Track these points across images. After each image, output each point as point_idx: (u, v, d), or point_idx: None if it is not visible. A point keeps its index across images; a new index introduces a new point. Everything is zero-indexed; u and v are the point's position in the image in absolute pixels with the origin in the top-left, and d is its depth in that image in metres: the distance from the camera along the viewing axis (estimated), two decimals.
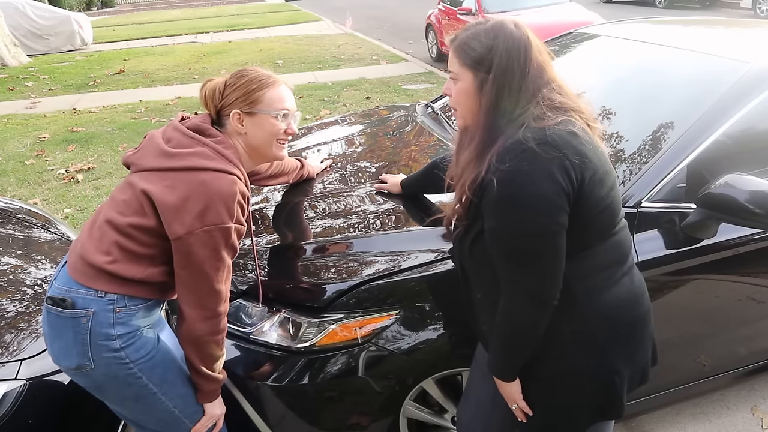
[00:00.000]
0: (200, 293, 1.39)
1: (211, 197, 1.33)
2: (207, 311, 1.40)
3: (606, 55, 2.59)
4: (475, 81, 1.21)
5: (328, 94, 7.36)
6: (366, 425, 1.73)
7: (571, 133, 1.16)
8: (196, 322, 1.40)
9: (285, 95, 1.52)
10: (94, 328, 1.37)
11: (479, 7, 8.40)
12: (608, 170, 1.22)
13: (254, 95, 1.47)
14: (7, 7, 11.73)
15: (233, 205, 1.35)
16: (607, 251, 1.26)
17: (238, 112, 1.47)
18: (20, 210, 2.66)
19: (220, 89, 1.50)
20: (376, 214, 1.98)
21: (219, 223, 1.33)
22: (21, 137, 6.19)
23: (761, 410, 2.26)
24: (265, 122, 1.49)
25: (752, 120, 1.80)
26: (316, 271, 1.77)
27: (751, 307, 1.95)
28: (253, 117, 1.48)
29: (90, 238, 1.42)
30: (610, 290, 1.26)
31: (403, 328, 1.65)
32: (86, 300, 1.37)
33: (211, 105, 1.51)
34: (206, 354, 1.45)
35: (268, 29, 15.58)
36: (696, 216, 1.66)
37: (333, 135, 2.89)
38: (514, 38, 1.19)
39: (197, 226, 1.32)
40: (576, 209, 1.16)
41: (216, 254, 1.36)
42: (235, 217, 1.36)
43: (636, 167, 1.80)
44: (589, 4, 10.22)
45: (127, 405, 1.49)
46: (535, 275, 1.18)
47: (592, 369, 1.28)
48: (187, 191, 1.32)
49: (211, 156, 1.39)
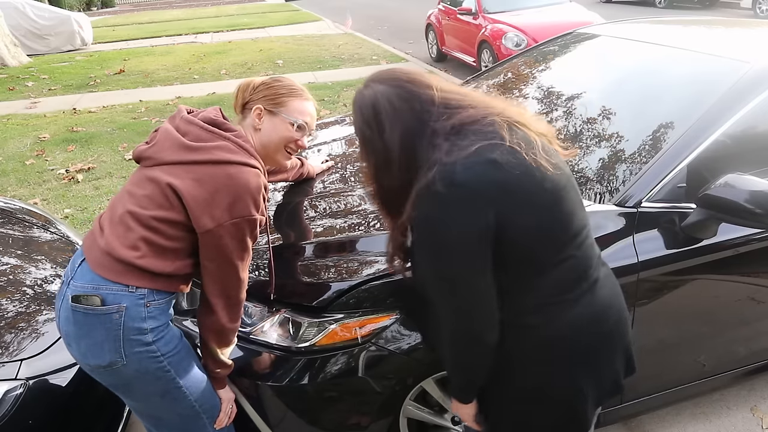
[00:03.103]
0: (226, 283, 1.44)
1: (239, 190, 1.37)
2: (231, 299, 1.46)
3: (606, 55, 2.59)
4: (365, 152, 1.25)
5: (328, 94, 7.36)
6: (366, 425, 1.73)
7: (488, 161, 1.09)
8: (221, 310, 1.45)
9: (309, 111, 1.60)
10: (126, 324, 1.38)
11: (479, 7, 8.38)
12: (547, 188, 1.13)
13: (281, 99, 1.55)
14: (7, 7, 11.73)
15: (258, 196, 1.41)
16: (561, 274, 1.20)
17: (260, 107, 1.54)
18: (20, 210, 2.66)
19: (255, 85, 1.58)
20: (377, 214, 1.98)
21: (247, 215, 1.38)
22: (21, 137, 6.19)
23: (761, 410, 2.26)
24: (281, 125, 1.55)
25: (752, 120, 1.80)
26: (316, 271, 1.77)
27: (751, 307, 1.95)
28: (272, 117, 1.54)
29: (113, 234, 1.41)
30: (567, 312, 1.22)
31: (404, 328, 1.65)
32: (117, 296, 1.38)
33: (240, 97, 1.58)
34: (226, 341, 1.52)
35: (268, 29, 15.57)
36: (696, 216, 1.66)
37: (333, 135, 2.89)
38: (362, 103, 1.21)
39: (226, 218, 1.36)
40: (505, 242, 1.12)
41: (243, 244, 1.41)
42: (261, 210, 1.43)
43: (636, 167, 1.80)
44: (589, 4, 10.21)
45: (152, 401, 1.50)
46: (459, 315, 1.17)
47: (552, 389, 1.27)
48: (215, 185, 1.36)
49: (234, 150, 1.42)
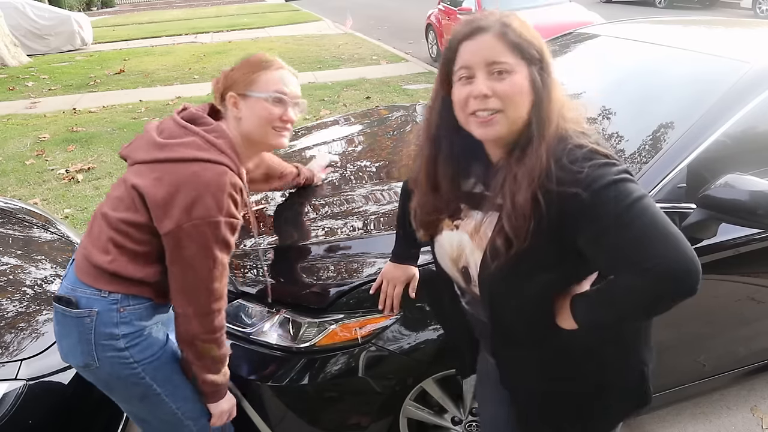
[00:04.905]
0: (192, 291, 1.34)
1: (200, 189, 1.27)
2: (200, 308, 1.35)
3: (606, 55, 2.58)
4: (529, 75, 1.04)
5: (328, 94, 7.36)
6: (366, 425, 1.73)
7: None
8: (191, 320, 1.35)
9: (282, 79, 1.44)
10: (97, 328, 1.36)
11: (479, 7, 8.39)
12: None
13: (250, 77, 1.42)
14: (7, 7, 11.72)
15: (223, 197, 1.29)
16: None
17: (233, 94, 1.42)
18: (20, 210, 2.66)
19: (225, 73, 1.47)
20: (377, 214, 1.98)
21: (207, 216, 1.28)
22: (21, 137, 6.19)
23: (761, 410, 2.26)
24: (257, 106, 1.41)
25: (752, 120, 1.80)
26: (316, 272, 1.77)
27: (751, 307, 1.95)
28: (246, 100, 1.42)
29: (90, 236, 1.41)
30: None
31: (404, 328, 1.65)
32: (90, 300, 1.37)
33: (216, 91, 1.48)
34: (204, 354, 1.41)
35: (268, 29, 15.57)
36: (696, 216, 1.66)
37: (333, 135, 2.89)
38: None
39: (185, 219, 1.27)
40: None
41: (206, 250, 1.30)
42: (226, 210, 1.30)
43: (636, 167, 1.80)
44: (589, 4, 10.21)
45: (133, 403, 1.49)
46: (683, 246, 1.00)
47: (627, 367, 1.25)
48: (176, 184, 1.28)
49: (201, 146, 1.33)
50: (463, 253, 1.20)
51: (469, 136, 1.11)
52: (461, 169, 1.20)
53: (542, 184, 1.01)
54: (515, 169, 1.05)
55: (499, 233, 1.06)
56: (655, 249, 0.98)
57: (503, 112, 1.04)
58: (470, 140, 1.12)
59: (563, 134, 1.05)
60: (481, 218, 1.16)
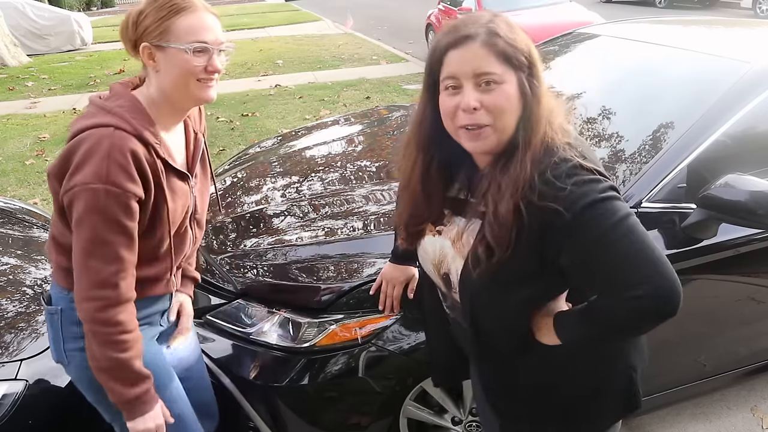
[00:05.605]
0: (76, 269, 1.19)
1: (80, 156, 1.14)
2: (79, 290, 1.19)
3: (606, 55, 2.58)
4: (518, 83, 1.02)
5: (328, 94, 7.36)
6: (366, 425, 1.73)
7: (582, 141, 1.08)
8: (78, 299, 1.20)
9: (204, 24, 1.23)
10: (64, 325, 1.34)
11: (479, 7, 8.39)
12: None
13: (164, 24, 1.20)
14: (7, 7, 11.72)
15: (104, 163, 1.13)
16: None
17: (147, 45, 1.21)
18: (20, 210, 2.66)
19: (134, 19, 1.22)
20: (377, 214, 1.98)
21: (83, 183, 1.13)
22: (21, 137, 6.19)
23: (761, 410, 2.26)
24: (176, 58, 1.20)
25: (752, 120, 1.80)
26: (316, 272, 1.77)
27: (751, 307, 1.95)
28: (163, 52, 1.21)
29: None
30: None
31: (404, 329, 1.65)
32: (57, 297, 1.36)
33: (128, 41, 1.25)
34: (101, 355, 1.22)
35: (268, 29, 15.56)
36: (696, 216, 1.66)
37: (333, 135, 2.89)
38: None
39: (65, 189, 1.16)
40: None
41: (83, 221, 1.15)
42: (106, 178, 1.13)
43: (636, 167, 1.80)
44: (589, 4, 10.21)
45: (101, 405, 1.42)
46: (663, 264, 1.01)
47: (614, 372, 1.24)
48: (62, 156, 1.18)
49: (92, 114, 1.20)
50: (445, 259, 1.18)
51: (458, 144, 1.09)
52: (451, 175, 1.19)
53: (525, 195, 0.99)
54: (499, 178, 1.03)
55: (481, 242, 1.05)
56: (639, 271, 0.97)
57: (492, 125, 1.02)
58: (459, 147, 1.10)
59: (549, 144, 1.03)
60: (464, 225, 1.14)
